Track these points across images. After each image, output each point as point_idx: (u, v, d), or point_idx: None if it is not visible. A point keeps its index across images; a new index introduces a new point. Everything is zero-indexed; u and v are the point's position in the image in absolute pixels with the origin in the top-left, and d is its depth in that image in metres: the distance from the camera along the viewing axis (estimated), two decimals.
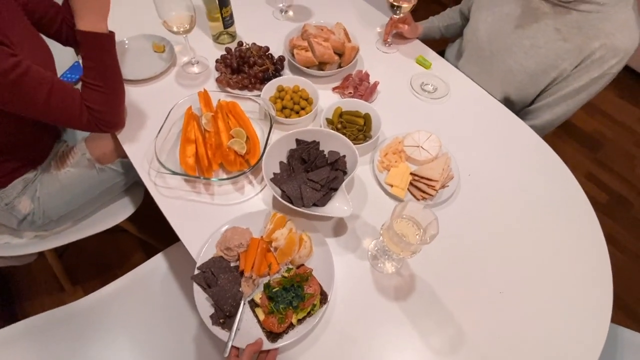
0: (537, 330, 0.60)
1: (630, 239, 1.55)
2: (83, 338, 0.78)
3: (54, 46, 0.83)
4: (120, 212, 0.98)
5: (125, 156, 0.81)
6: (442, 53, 1.12)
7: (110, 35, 0.70)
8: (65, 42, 0.88)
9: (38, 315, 0.77)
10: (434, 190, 0.71)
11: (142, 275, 0.87)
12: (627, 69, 2.21)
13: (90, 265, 1.34)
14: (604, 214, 1.64)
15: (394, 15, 0.90)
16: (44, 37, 0.82)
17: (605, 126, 1.99)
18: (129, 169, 0.90)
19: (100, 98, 0.70)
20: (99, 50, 0.69)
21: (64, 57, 1.03)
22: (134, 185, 1.01)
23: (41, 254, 1.14)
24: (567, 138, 1.93)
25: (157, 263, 0.89)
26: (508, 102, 0.95)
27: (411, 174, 0.74)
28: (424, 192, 0.71)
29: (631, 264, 1.49)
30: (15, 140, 0.75)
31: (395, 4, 0.86)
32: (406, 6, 0.86)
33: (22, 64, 0.59)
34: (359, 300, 0.62)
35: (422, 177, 0.72)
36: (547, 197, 0.76)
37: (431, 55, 0.99)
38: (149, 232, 1.23)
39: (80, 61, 0.70)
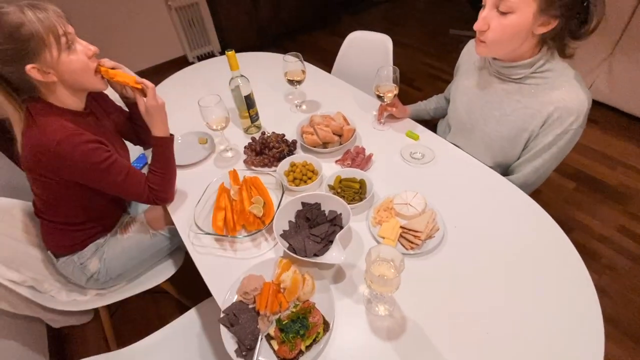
0: None
1: None
2: None
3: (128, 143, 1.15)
4: (164, 272, 1.17)
5: (172, 224, 1.02)
6: (434, 129, 1.31)
7: (171, 137, 0.99)
8: (135, 143, 1.21)
9: None
10: (420, 240, 0.82)
11: (177, 328, 1.00)
12: None
13: (134, 328, 1.49)
14: None
15: (382, 103, 1.13)
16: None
17: (631, 177, 1.97)
18: (174, 235, 1.11)
19: (160, 181, 0.95)
20: (163, 148, 0.96)
21: (133, 151, 1.36)
22: (176, 250, 1.22)
23: (96, 316, 1.33)
24: (594, 194, 1.91)
25: (190, 317, 1.03)
26: (498, 165, 1.07)
27: (401, 227, 0.86)
28: (411, 242, 0.82)
29: None
30: (96, 213, 1.01)
31: (380, 95, 1.09)
32: (390, 95, 1.09)
33: (112, 156, 0.87)
34: (355, 339, 0.70)
35: (410, 230, 0.84)
36: (532, 245, 0.82)
37: (419, 129, 1.19)
38: (185, 293, 1.39)
39: (145, 154, 0.97)
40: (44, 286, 1.04)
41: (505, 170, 1.07)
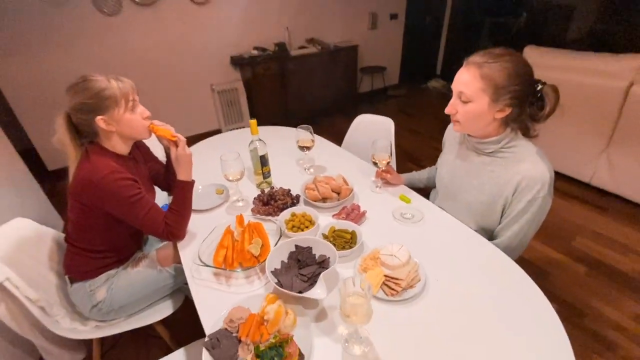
0: None
1: None
2: None
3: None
4: (162, 311, 1.22)
5: (179, 262, 1.12)
6: (427, 197, 1.43)
7: (192, 182, 1.16)
8: (163, 188, 1.39)
9: None
10: (400, 287, 0.87)
11: None
12: None
13: None
14: None
15: (377, 169, 1.29)
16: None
17: None
18: (179, 273, 1.20)
19: (176, 218, 1.10)
20: (184, 190, 1.13)
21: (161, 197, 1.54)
22: (177, 291, 1.28)
23: (87, 357, 1.34)
24: (607, 280, 1.85)
25: (178, 357, 1.05)
26: (482, 229, 1.15)
27: (384, 275, 0.92)
28: (392, 288, 0.87)
29: None
30: (116, 244, 1.14)
31: (375, 162, 1.26)
32: (384, 162, 1.25)
33: (141, 193, 1.04)
34: None
35: (392, 278, 0.90)
36: (514, 310, 0.83)
37: (412, 194, 1.31)
38: (178, 340, 1.39)
39: (168, 204, 1.14)
40: (52, 309, 1.11)
41: (490, 235, 1.13)
